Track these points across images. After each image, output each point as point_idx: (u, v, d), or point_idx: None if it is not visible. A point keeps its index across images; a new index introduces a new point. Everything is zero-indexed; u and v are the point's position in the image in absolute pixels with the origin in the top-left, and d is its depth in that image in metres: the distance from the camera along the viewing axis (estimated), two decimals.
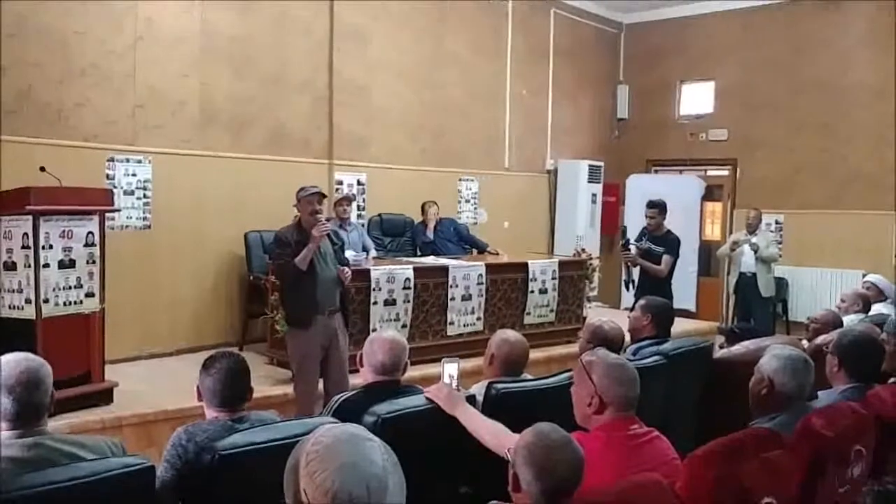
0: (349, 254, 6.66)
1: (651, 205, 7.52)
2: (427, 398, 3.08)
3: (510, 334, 3.70)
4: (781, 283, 10.14)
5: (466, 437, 2.96)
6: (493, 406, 3.24)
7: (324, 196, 5.61)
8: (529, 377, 3.64)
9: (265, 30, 7.68)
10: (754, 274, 9.16)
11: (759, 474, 2.32)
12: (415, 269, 6.81)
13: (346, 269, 5.59)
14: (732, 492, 2.32)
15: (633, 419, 2.62)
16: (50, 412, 2.48)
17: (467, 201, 9.97)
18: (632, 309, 5.05)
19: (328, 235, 5.53)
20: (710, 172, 11.69)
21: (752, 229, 9.28)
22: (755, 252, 9.05)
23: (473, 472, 3.05)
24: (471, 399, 3.23)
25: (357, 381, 5.51)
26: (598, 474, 2.22)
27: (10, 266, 4.95)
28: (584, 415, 2.66)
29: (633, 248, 7.41)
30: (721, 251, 9.94)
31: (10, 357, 2.47)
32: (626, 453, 2.47)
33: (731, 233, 10.61)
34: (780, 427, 2.79)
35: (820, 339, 4.50)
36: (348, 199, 7.86)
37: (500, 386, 3.31)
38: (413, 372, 3.20)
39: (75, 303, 5.16)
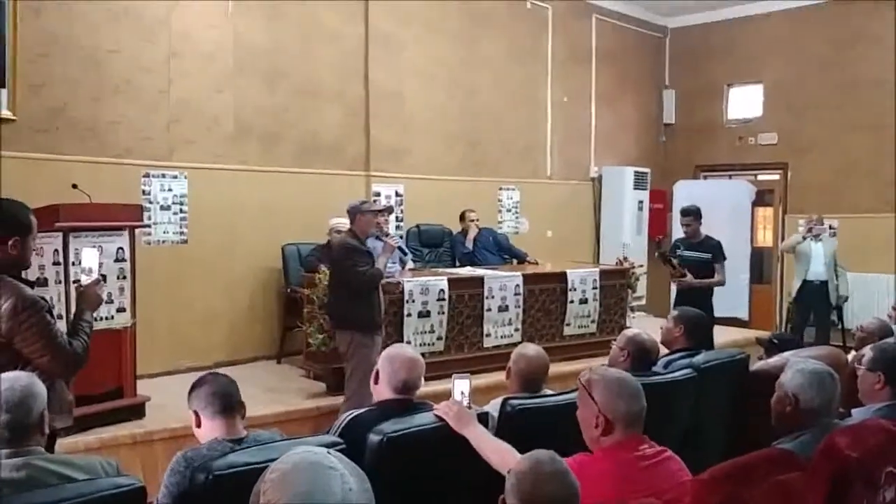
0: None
1: (685, 212, 7.35)
2: (436, 416, 2.99)
3: (529, 348, 3.60)
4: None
5: (476, 457, 2.86)
6: (509, 423, 3.14)
7: (390, 210, 5.65)
8: (550, 392, 3.53)
9: (297, 41, 7.69)
10: (824, 282, 8.81)
11: (769, 499, 2.17)
12: (449, 281, 6.72)
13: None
14: None
15: (641, 439, 2.50)
16: (43, 431, 2.44)
17: (508, 210, 9.86)
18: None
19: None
20: (760, 177, 11.43)
21: (816, 235, 8.90)
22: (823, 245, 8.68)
23: (482, 493, 2.94)
24: (484, 416, 3.14)
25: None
26: (599, 498, 2.11)
27: (42, 282, 4.98)
28: (593, 438, 2.53)
29: (687, 275, 7.15)
30: (788, 243, 9.40)
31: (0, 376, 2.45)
32: (633, 476, 2.35)
33: (782, 239, 10.32)
34: (805, 446, 2.63)
35: (851, 356, 4.28)
36: (388, 211, 7.81)
37: (515, 402, 3.21)
38: (449, 385, 3.10)
39: (106, 318, 5.17)
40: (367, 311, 5.56)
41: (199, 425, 2.79)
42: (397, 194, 8.54)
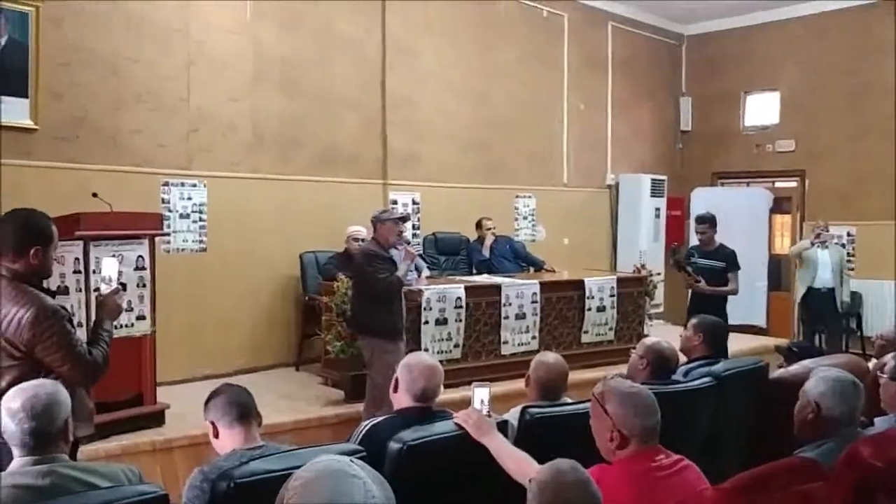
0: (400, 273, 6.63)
1: (700, 219, 7.33)
2: (456, 423, 2.99)
3: (549, 357, 3.60)
4: (855, 298, 9.75)
5: (496, 466, 2.86)
6: (528, 431, 3.14)
7: (408, 218, 5.74)
8: (569, 401, 3.52)
9: (314, 49, 7.72)
10: (831, 289, 8.75)
11: None
12: (467, 288, 6.72)
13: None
14: None
15: (657, 449, 2.49)
16: (67, 439, 2.46)
17: (524, 218, 9.86)
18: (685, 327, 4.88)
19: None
20: (777, 184, 11.37)
21: (823, 242, 8.87)
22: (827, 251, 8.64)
23: (502, 501, 2.94)
24: (504, 424, 3.13)
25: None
26: None
27: (63, 291, 5.02)
28: (608, 450, 2.53)
29: (700, 282, 7.14)
30: (796, 248, 9.28)
31: (24, 384, 2.48)
32: (650, 487, 2.34)
33: None
34: (828, 455, 2.61)
35: (872, 364, 4.25)
36: (403, 219, 7.82)
37: (534, 410, 3.21)
38: (467, 392, 3.11)
39: (126, 326, 5.20)
40: (389, 318, 5.60)
41: (216, 436, 2.79)
42: (414, 202, 8.55)
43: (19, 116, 5.89)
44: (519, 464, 2.73)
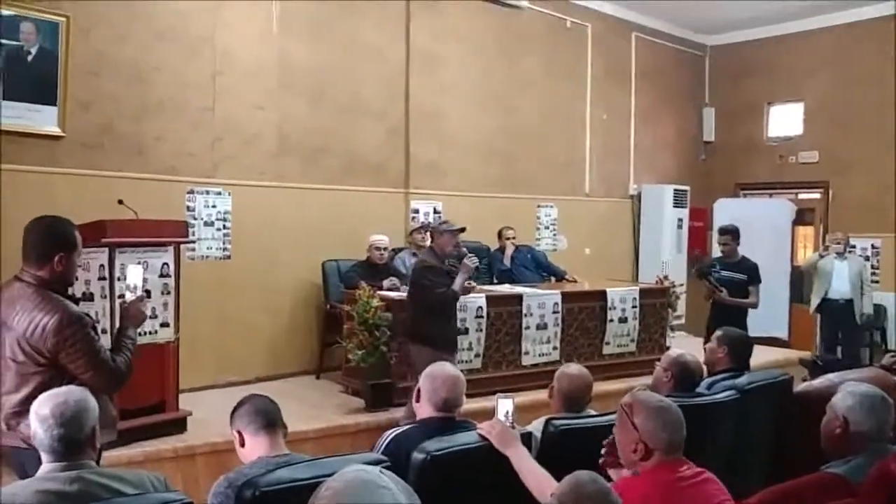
0: None
1: (724, 231, 7.30)
2: (480, 434, 2.99)
3: (573, 368, 3.59)
4: (880, 310, 9.65)
5: (519, 477, 2.85)
6: (552, 443, 3.14)
7: (463, 230, 5.95)
8: (593, 413, 3.51)
9: (340, 59, 7.75)
10: (849, 300, 8.67)
11: None
12: (488, 298, 6.71)
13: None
14: None
15: (681, 461, 2.49)
16: (94, 446, 2.49)
17: (546, 228, 9.84)
18: (706, 340, 4.85)
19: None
20: (801, 195, 11.30)
21: (841, 253, 8.81)
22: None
23: None
24: (528, 436, 3.13)
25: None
26: None
27: (88, 297, 5.06)
28: (630, 461, 2.53)
29: (723, 292, 7.10)
30: (808, 261, 9.30)
31: (54, 391, 2.51)
32: (674, 498, 2.33)
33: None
34: (857, 471, 2.59)
35: None
36: (426, 228, 7.84)
37: (558, 422, 3.20)
38: (487, 402, 3.11)
39: (150, 333, 5.23)
40: (443, 329, 5.75)
41: (242, 444, 2.80)
42: (435, 211, 8.56)
43: (48, 124, 5.96)
44: (538, 480, 2.73)
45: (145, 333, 5.18)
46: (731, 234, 7.27)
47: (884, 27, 10.10)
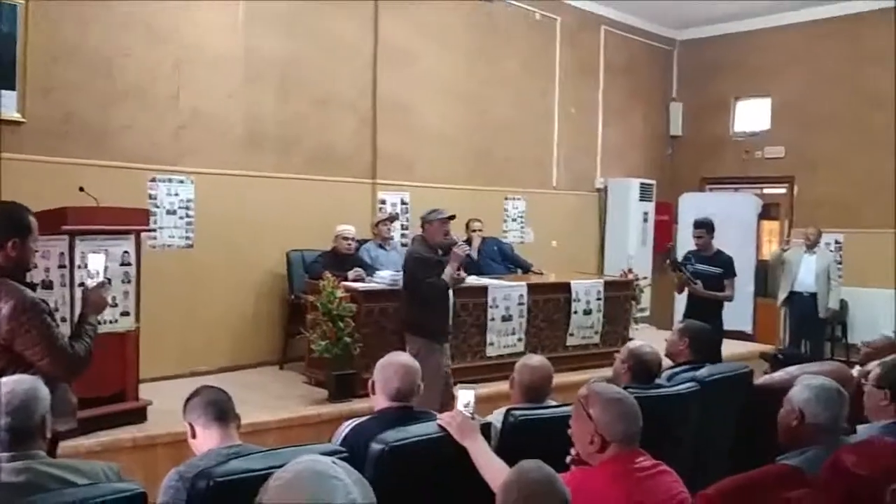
0: (386, 273, 6.61)
1: (698, 224, 7.31)
2: (440, 426, 2.98)
3: (534, 360, 3.60)
4: (841, 305, 9.77)
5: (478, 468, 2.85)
6: (511, 433, 3.13)
7: (453, 217, 5.96)
8: (553, 404, 3.51)
9: (309, 50, 7.70)
10: (813, 294, 8.77)
11: None
12: (454, 290, 6.69)
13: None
14: None
15: (638, 452, 2.50)
16: (44, 435, 2.44)
17: (514, 220, 9.86)
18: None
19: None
20: (766, 190, 11.40)
21: (811, 247, 8.92)
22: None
23: None
24: (487, 426, 3.12)
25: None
26: None
27: (48, 285, 4.98)
28: (587, 453, 2.54)
29: (697, 283, 7.13)
30: (773, 255, 9.50)
31: (2, 379, 2.46)
32: (631, 489, 2.34)
33: None
34: (811, 462, 2.62)
35: (856, 371, 4.25)
36: (392, 219, 7.81)
37: (518, 413, 3.20)
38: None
39: (110, 321, 5.16)
40: (436, 319, 5.78)
41: (194, 436, 2.78)
42: (403, 202, 8.53)
43: (7, 109, 5.84)
44: (493, 472, 2.71)
45: (106, 322, 5.10)
46: (706, 227, 7.26)
47: (851, 25, 10.22)
